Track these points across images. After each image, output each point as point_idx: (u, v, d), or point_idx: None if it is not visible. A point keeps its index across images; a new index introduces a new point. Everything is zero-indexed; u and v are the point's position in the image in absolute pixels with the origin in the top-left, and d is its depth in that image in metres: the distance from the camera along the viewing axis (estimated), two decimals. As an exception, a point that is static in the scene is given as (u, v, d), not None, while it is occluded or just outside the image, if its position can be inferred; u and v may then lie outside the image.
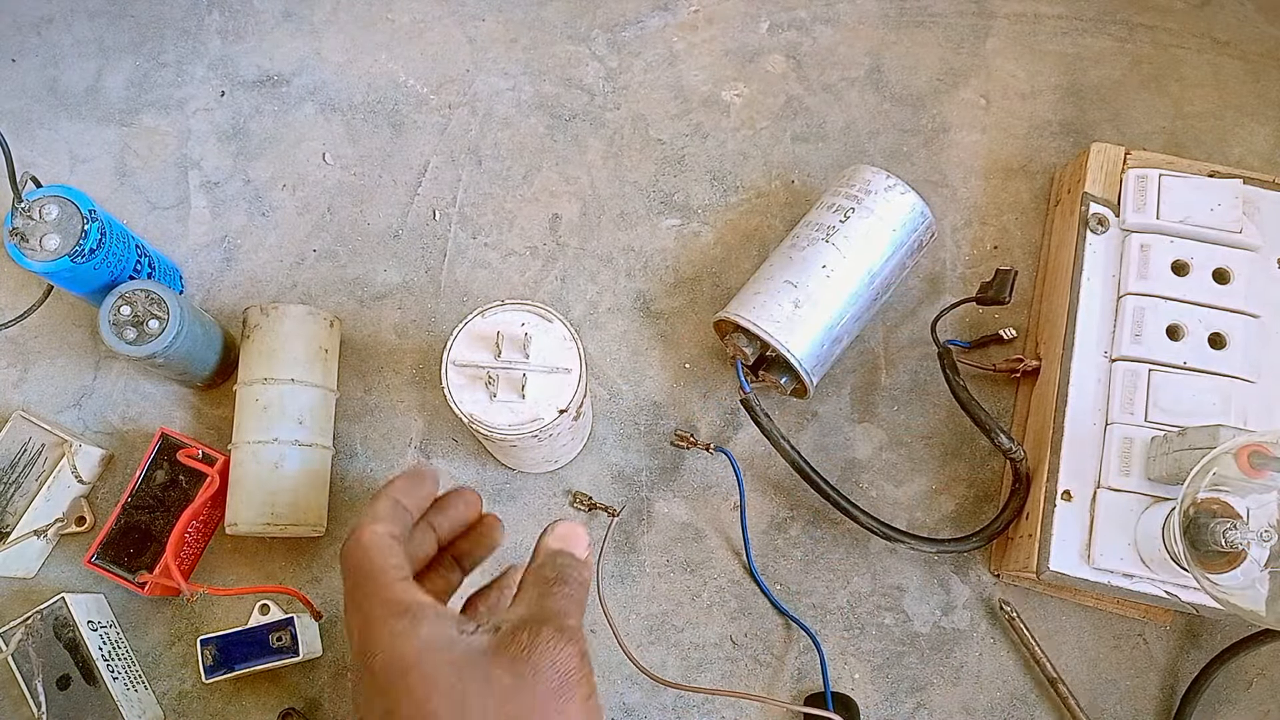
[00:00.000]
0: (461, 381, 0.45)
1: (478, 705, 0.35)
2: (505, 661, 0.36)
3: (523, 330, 0.46)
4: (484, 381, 0.45)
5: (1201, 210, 0.55)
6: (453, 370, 0.45)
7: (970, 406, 0.55)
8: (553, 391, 0.46)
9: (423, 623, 0.37)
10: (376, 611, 0.38)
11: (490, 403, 0.45)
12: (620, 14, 0.67)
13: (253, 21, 0.67)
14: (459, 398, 0.45)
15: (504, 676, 0.36)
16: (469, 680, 0.36)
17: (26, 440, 0.56)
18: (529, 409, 0.45)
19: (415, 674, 0.36)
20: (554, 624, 0.37)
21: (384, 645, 0.37)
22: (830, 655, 0.56)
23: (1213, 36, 0.67)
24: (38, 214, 0.50)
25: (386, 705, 0.36)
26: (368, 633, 0.37)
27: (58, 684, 0.52)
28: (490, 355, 0.46)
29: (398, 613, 0.38)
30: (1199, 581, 0.44)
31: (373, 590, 0.39)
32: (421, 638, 0.37)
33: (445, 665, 0.36)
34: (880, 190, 0.56)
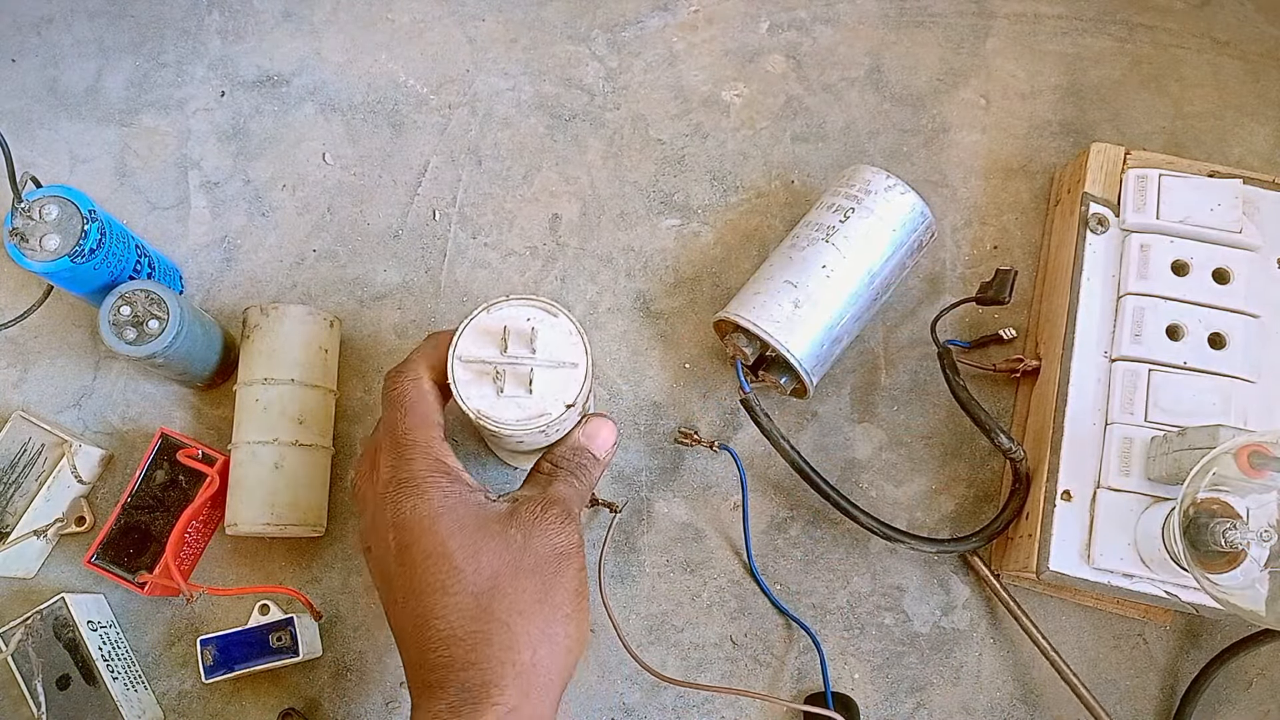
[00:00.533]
0: (468, 377, 0.45)
1: (490, 552, 0.42)
2: (518, 523, 0.43)
3: (529, 325, 0.46)
4: (490, 377, 0.45)
5: (1201, 210, 0.55)
6: (459, 366, 0.45)
7: (970, 406, 0.55)
8: (559, 386, 0.45)
9: (458, 482, 0.44)
10: (419, 465, 0.43)
11: (497, 398, 0.45)
12: (620, 14, 0.67)
13: (253, 21, 0.67)
14: (466, 394, 0.44)
15: (516, 534, 0.43)
16: (487, 533, 0.42)
17: (26, 440, 0.56)
18: (536, 404, 0.45)
19: (444, 520, 0.42)
20: (560, 506, 0.44)
21: (422, 491, 0.43)
22: (830, 655, 0.56)
23: (1213, 36, 0.67)
24: (38, 214, 0.50)
25: (406, 540, 0.42)
26: (408, 474, 0.43)
27: (57, 684, 0.52)
28: (496, 351, 0.45)
29: (440, 469, 0.44)
30: (1199, 581, 0.44)
31: (421, 441, 0.44)
32: (455, 493, 0.43)
33: (470, 518, 0.43)
34: (880, 190, 0.56)
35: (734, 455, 0.57)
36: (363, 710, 0.55)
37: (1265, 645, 0.54)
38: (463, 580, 0.41)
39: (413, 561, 0.41)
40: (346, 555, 0.57)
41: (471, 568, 0.41)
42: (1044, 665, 0.56)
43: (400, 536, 0.42)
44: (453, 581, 0.41)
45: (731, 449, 0.57)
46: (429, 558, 0.41)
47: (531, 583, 0.42)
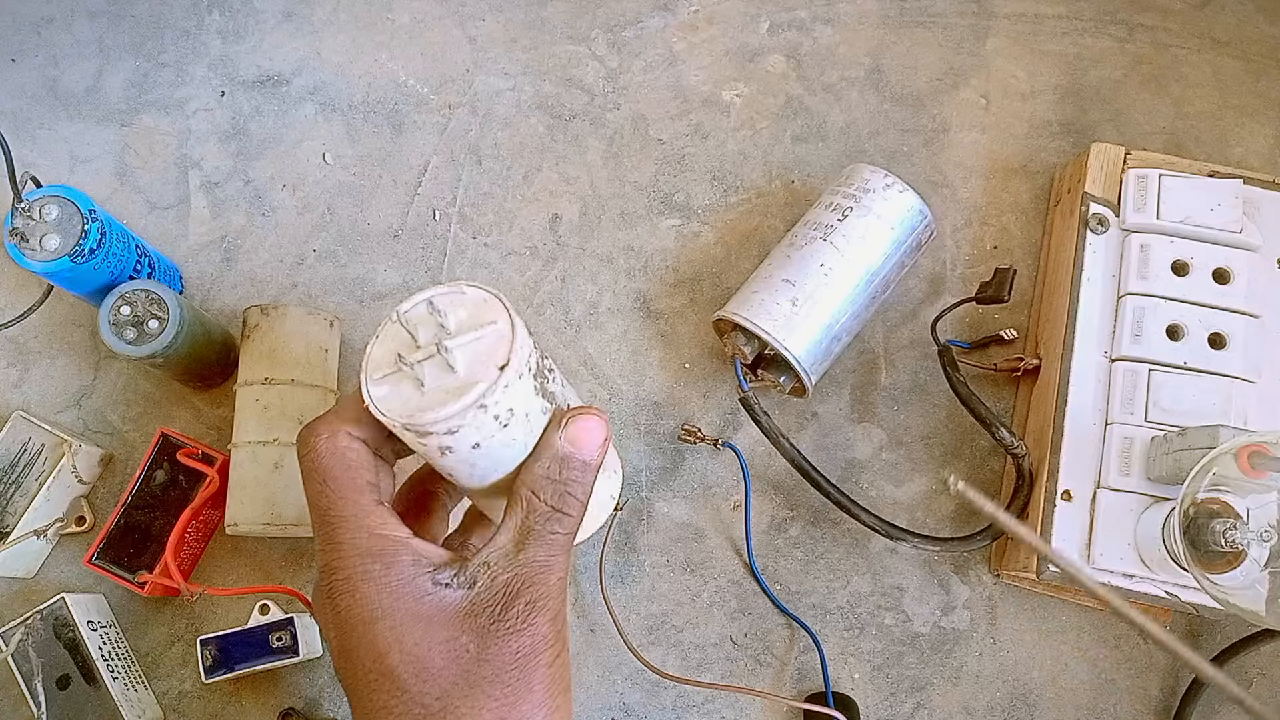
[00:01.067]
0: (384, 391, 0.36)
1: (438, 667, 0.34)
2: (474, 628, 0.35)
3: (430, 309, 0.37)
4: (408, 378, 0.36)
5: (1201, 210, 0.55)
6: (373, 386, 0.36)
7: (971, 402, 0.55)
8: (487, 352, 0.36)
9: (395, 568, 0.35)
10: (347, 544, 0.35)
11: (422, 396, 0.35)
12: (620, 14, 0.67)
13: (253, 21, 0.67)
14: (388, 409, 0.35)
15: (469, 643, 0.35)
16: (433, 640, 0.34)
17: (26, 440, 0.56)
18: (465, 380, 0.35)
19: (380, 626, 0.34)
20: (528, 594, 0.35)
21: (352, 586, 0.35)
22: (830, 655, 0.56)
23: (1213, 36, 0.67)
24: (38, 214, 0.50)
25: (346, 645, 0.35)
26: (337, 565, 0.35)
27: (57, 684, 0.52)
28: (408, 350, 0.36)
29: (372, 551, 0.35)
30: (1199, 581, 0.44)
31: (349, 515, 0.35)
32: (392, 586, 0.35)
33: (412, 621, 0.35)
34: (879, 189, 0.56)
35: (737, 452, 0.57)
36: (363, 710, 0.55)
37: (1265, 645, 0.54)
38: (408, 700, 0.34)
39: (354, 672, 0.35)
40: (346, 555, 0.57)
41: (417, 686, 0.34)
42: (1044, 666, 0.56)
43: (341, 640, 0.35)
44: (396, 702, 0.34)
45: (735, 446, 0.57)
46: (368, 673, 0.34)
47: (491, 699, 0.34)
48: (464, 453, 0.36)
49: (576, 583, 0.57)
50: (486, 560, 0.35)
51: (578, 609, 0.57)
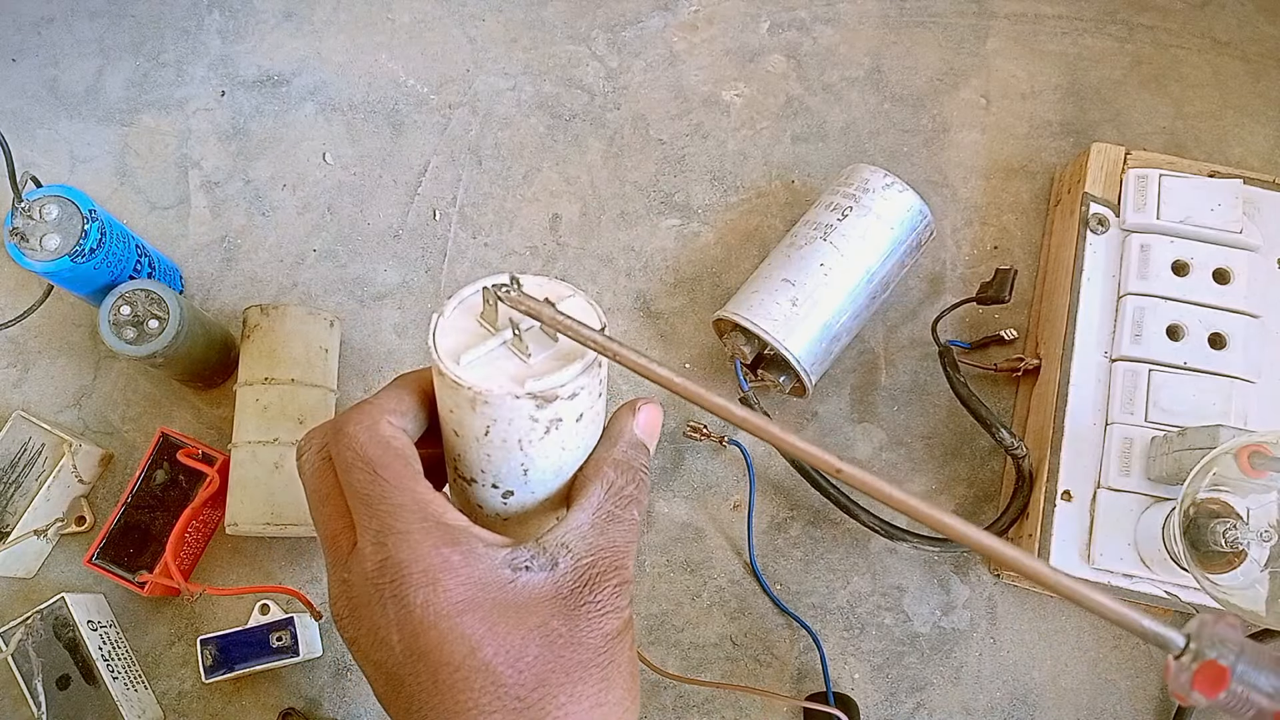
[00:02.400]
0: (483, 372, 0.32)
1: (533, 655, 0.32)
2: (563, 610, 0.33)
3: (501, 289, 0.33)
4: (505, 350, 0.33)
5: (1201, 210, 0.55)
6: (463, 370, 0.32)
7: (971, 403, 0.55)
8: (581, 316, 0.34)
9: (474, 555, 0.32)
10: (416, 533, 0.32)
11: (531, 367, 0.33)
12: (620, 14, 0.67)
13: (253, 21, 0.67)
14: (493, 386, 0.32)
15: (561, 627, 0.33)
16: (527, 627, 0.32)
17: (26, 440, 0.56)
18: (568, 347, 0.33)
19: (470, 618, 0.32)
20: (617, 576, 0.34)
21: (431, 579, 0.31)
22: (830, 655, 0.56)
23: (1213, 36, 0.67)
24: (38, 214, 0.50)
25: (422, 645, 0.32)
26: (407, 557, 0.32)
27: (57, 684, 0.52)
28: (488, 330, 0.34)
29: (447, 539, 0.32)
30: (1199, 581, 0.44)
31: (410, 502, 0.32)
32: (475, 576, 0.32)
33: (502, 609, 0.32)
34: (878, 189, 0.56)
35: (743, 449, 0.57)
36: (363, 710, 0.55)
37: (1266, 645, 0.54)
38: (504, 694, 0.31)
39: (433, 672, 0.32)
40: (346, 555, 0.57)
41: (514, 678, 0.31)
42: (1044, 666, 0.56)
43: (411, 640, 0.32)
44: (490, 698, 0.31)
45: (740, 443, 0.57)
46: (457, 669, 0.31)
47: (587, 684, 0.33)
48: (567, 430, 0.34)
49: (576, 583, 0.57)
50: (564, 542, 0.34)
51: (578, 609, 0.57)
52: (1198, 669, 0.26)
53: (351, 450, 0.33)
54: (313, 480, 0.35)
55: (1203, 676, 0.26)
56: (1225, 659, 0.26)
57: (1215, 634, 0.26)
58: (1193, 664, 0.26)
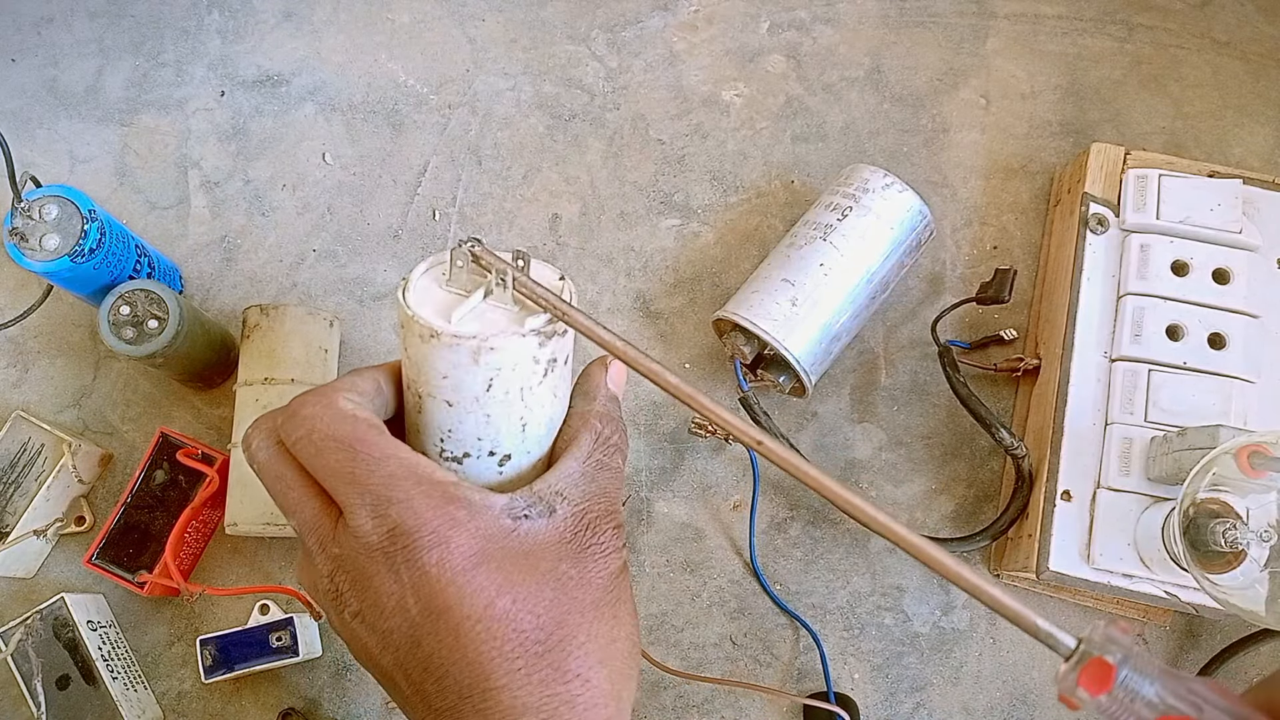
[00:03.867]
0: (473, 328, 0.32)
1: (548, 599, 0.33)
2: (570, 554, 0.34)
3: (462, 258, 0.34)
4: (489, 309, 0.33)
5: (1201, 210, 0.55)
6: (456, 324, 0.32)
7: (971, 403, 0.55)
8: (542, 275, 0.35)
9: (476, 510, 0.32)
10: (418, 497, 0.32)
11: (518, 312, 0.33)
12: (620, 14, 0.67)
13: (253, 21, 0.67)
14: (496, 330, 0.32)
15: (570, 569, 0.33)
16: (540, 574, 0.33)
17: (26, 440, 0.56)
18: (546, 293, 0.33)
19: (484, 570, 0.32)
20: (613, 519, 0.35)
21: (442, 538, 0.32)
22: (830, 655, 0.56)
23: (1213, 36, 0.67)
24: (38, 214, 0.50)
25: (440, 603, 0.32)
26: (413, 521, 0.32)
27: (57, 684, 0.52)
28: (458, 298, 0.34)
29: (446, 497, 0.32)
30: (1199, 581, 0.44)
31: (402, 470, 0.32)
32: (481, 529, 0.32)
33: (513, 559, 0.33)
34: (878, 189, 0.56)
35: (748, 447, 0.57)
36: (363, 710, 0.55)
37: (1265, 645, 0.54)
38: (526, 640, 0.32)
39: (454, 628, 0.32)
40: (346, 555, 0.57)
41: (533, 623, 0.32)
42: (1044, 665, 0.56)
43: (428, 601, 0.32)
44: (513, 646, 0.32)
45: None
46: (477, 621, 0.32)
47: (601, 622, 0.34)
48: (558, 374, 0.35)
49: (576, 583, 0.57)
50: (558, 490, 0.34)
51: (578, 609, 0.57)
52: (1084, 666, 0.26)
53: (317, 432, 0.33)
54: (270, 469, 0.34)
55: (1089, 674, 0.26)
56: (1112, 657, 0.26)
57: (1107, 634, 0.27)
58: (1079, 665, 0.26)
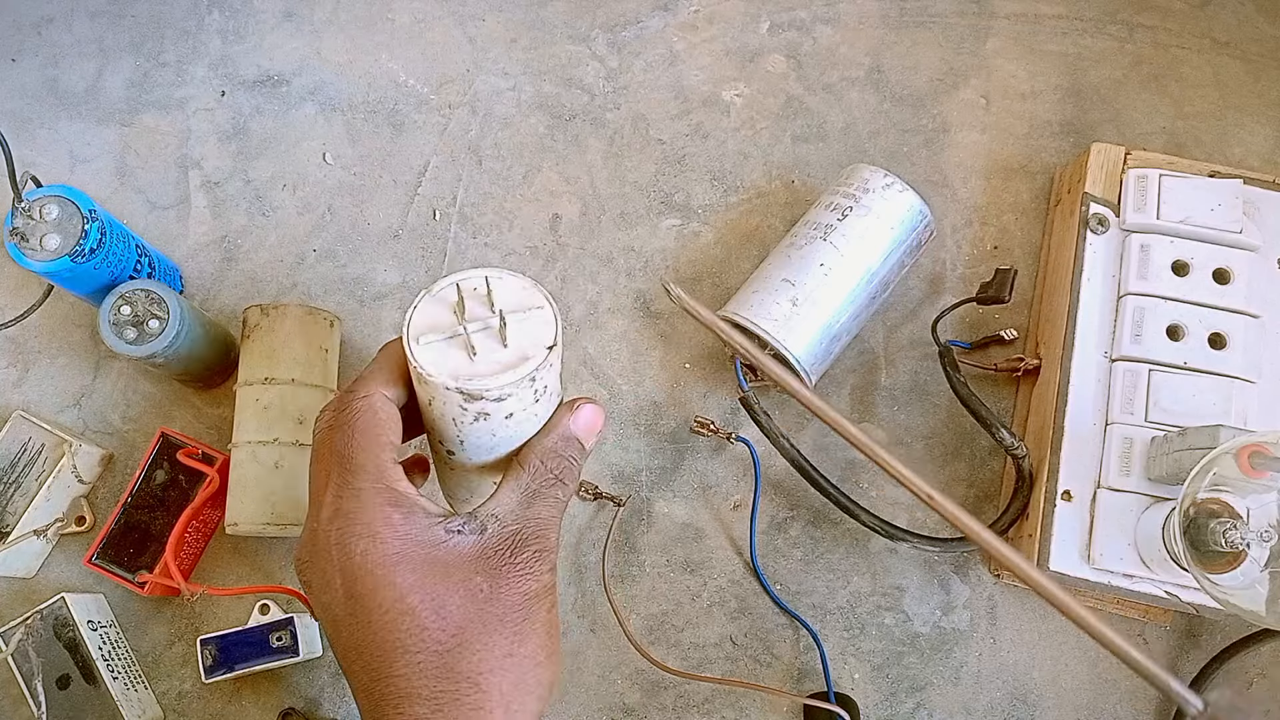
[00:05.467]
0: (431, 356, 0.38)
1: (455, 605, 0.37)
2: (486, 569, 0.37)
3: (481, 284, 0.40)
4: (459, 344, 0.38)
5: (1202, 210, 0.55)
6: (419, 348, 0.38)
7: (971, 402, 0.55)
8: (533, 332, 0.39)
9: (414, 517, 0.37)
10: (369, 497, 0.37)
11: (472, 363, 0.37)
12: (620, 14, 0.67)
13: (253, 21, 0.67)
14: (435, 371, 0.37)
15: (483, 583, 0.37)
16: (452, 581, 0.37)
17: (26, 440, 0.56)
18: (515, 354, 0.38)
19: (402, 568, 0.36)
20: (536, 544, 0.38)
21: (373, 531, 0.37)
22: (830, 655, 0.56)
23: (1213, 36, 0.67)
24: (38, 214, 0.50)
25: (361, 588, 0.36)
26: (356, 511, 0.37)
27: (57, 684, 0.52)
28: (453, 320, 0.39)
29: (392, 501, 0.37)
30: (1199, 581, 0.44)
31: (371, 465, 0.38)
32: (412, 534, 0.37)
33: (431, 564, 0.37)
34: (878, 189, 0.56)
35: (750, 445, 0.57)
36: (363, 710, 0.55)
37: (1265, 645, 0.54)
38: (426, 637, 0.36)
39: (367, 614, 0.36)
40: (346, 555, 0.57)
41: (436, 624, 0.36)
42: (1044, 666, 0.56)
43: (350, 584, 0.37)
44: (414, 640, 0.36)
45: (747, 439, 0.57)
46: (386, 612, 0.36)
47: (501, 635, 0.37)
48: (496, 422, 0.39)
49: (577, 582, 0.57)
50: (494, 513, 0.38)
51: (578, 608, 0.57)
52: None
53: (345, 415, 0.39)
54: (315, 441, 0.40)
55: None
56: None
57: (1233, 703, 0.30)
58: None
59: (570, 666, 0.56)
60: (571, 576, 0.57)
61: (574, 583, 0.57)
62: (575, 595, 0.57)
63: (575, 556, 0.58)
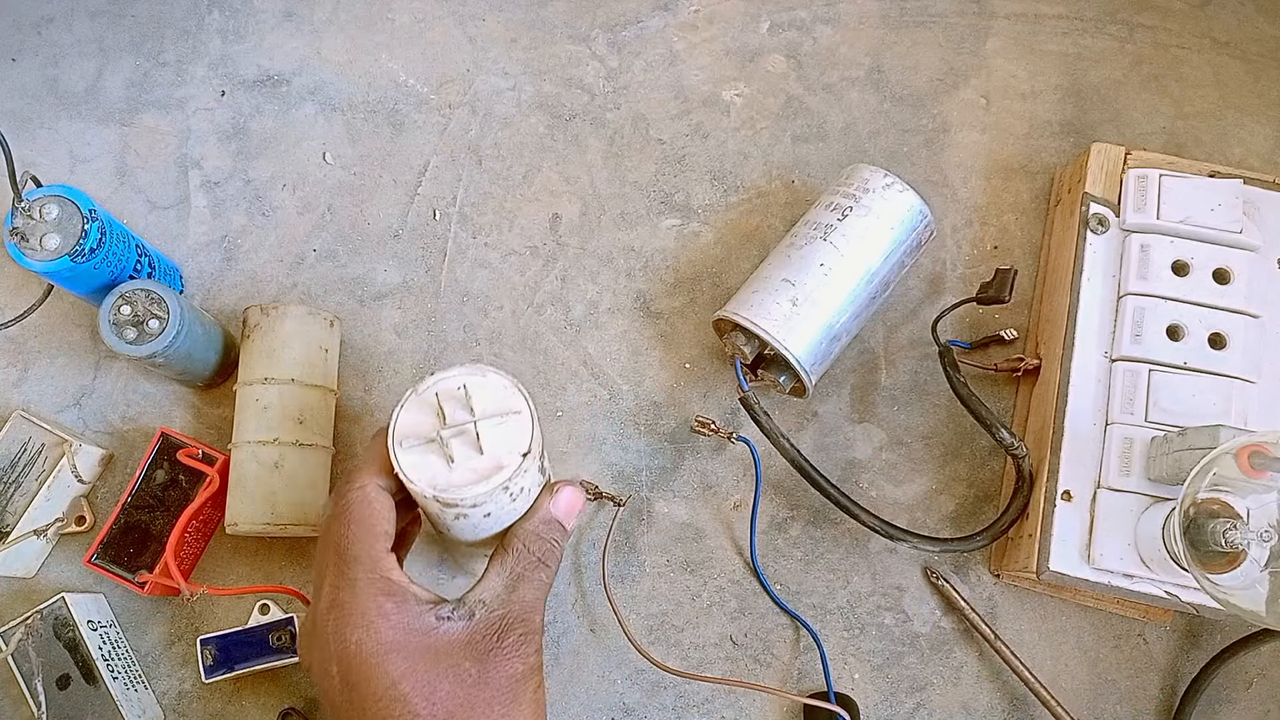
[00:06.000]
0: (413, 460, 0.41)
1: (445, 691, 0.39)
2: (474, 655, 0.40)
3: (460, 388, 0.43)
4: (437, 450, 0.41)
5: (1202, 210, 0.55)
6: (401, 452, 0.41)
7: (971, 402, 0.55)
8: (509, 437, 0.42)
9: (406, 606, 0.40)
10: (363, 588, 0.40)
11: (450, 470, 0.41)
12: (620, 14, 0.67)
13: (253, 21, 0.67)
14: (416, 477, 0.41)
15: (471, 668, 0.39)
16: (441, 668, 0.39)
17: (26, 440, 0.56)
18: (489, 461, 0.41)
19: (394, 657, 0.39)
20: (521, 627, 0.41)
21: (367, 621, 0.39)
22: (830, 655, 0.56)
23: (1213, 36, 0.67)
24: (38, 213, 0.50)
25: (355, 676, 0.39)
26: (351, 601, 0.39)
27: (57, 684, 0.52)
28: (435, 424, 0.42)
29: (385, 591, 0.40)
30: (1199, 581, 0.44)
31: (365, 556, 0.40)
32: (404, 623, 0.39)
33: (422, 651, 0.39)
34: (878, 189, 0.56)
35: (750, 445, 0.56)
36: (363, 710, 0.55)
37: (1265, 645, 0.54)
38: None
39: (361, 700, 0.39)
40: (346, 555, 0.57)
41: (426, 710, 0.38)
42: (1044, 666, 0.56)
43: (345, 672, 0.39)
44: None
45: (748, 439, 0.57)
46: (379, 700, 0.38)
47: (490, 717, 0.39)
48: (476, 520, 0.42)
49: (578, 582, 0.57)
50: (482, 598, 0.41)
51: (578, 609, 0.57)
52: None
53: (342, 506, 0.42)
54: (320, 531, 0.43)
55: None
56: None
57: None
58: None
59: (570, 666, 0.56)
60: (571, 576, 0.57)
61: (574, 583, 0.57)
62: (575, 595, 0.57)
63: (575, 556, 0.58)
